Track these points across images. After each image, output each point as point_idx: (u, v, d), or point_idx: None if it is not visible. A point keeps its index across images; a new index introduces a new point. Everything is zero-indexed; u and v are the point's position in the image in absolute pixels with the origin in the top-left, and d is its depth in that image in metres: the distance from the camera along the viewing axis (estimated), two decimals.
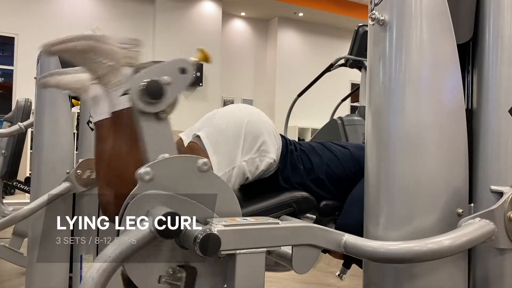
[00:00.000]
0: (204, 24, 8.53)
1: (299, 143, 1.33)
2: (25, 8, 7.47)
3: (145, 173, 0.82)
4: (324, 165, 1.28)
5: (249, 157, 1.18)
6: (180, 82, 0.92)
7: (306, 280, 2.83)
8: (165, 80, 0.90)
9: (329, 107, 4.37)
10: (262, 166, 1.20)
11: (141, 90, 0.88)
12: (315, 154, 1.30)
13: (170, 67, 0.92)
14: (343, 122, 3.13)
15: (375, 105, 1.03)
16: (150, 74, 0.90)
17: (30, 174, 2.16)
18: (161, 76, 0.90)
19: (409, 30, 0.96)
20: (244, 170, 1.17)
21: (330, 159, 1.30)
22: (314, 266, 0.90)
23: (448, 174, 0.95)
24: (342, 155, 1.32)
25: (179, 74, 0.92)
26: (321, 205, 1.27)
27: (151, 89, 0.89)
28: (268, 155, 1.20)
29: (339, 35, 9.78)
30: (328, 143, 1.37)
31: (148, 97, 0.89)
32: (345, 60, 3.39)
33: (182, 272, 0.84)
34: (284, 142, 1.27)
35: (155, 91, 0.89)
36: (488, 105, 0.97)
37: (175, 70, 0.92)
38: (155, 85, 0.89)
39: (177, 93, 0.92)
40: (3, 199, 3.24)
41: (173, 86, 0.91)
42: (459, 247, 0.85)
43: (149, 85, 0.89)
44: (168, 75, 0.90)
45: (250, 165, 1.18)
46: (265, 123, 1.25)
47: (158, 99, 0.90)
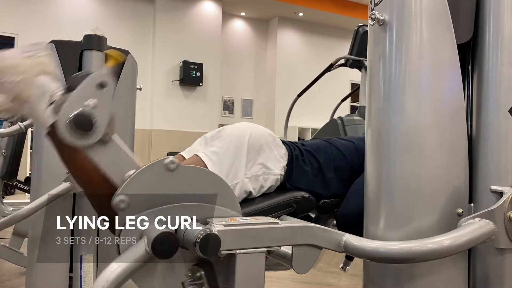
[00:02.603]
0: (204, 24, 8.52)
1: (302, 144, 1.33)
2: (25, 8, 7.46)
3: (120, 202, 0.80)
4: (331, 161, 1.29)
5: (252, 175, 1.18)
6: (105, 98, 0.84)
7: (306, 280, 2.83)
8: (90, 105, 0.82)
9: (329, 107, 4.37)
10: (267, 184, 1.21)
11: (70, 129, 0.80)
12: (321, 152, 1.30)
13: (88, 88, 0.83)
14: (343, 122, 3.13)
15: (375, 105, 1.03)
16: (72, 106, 0.81)
17: (30, 174, 2.16)
18: (83, 103, 0.81)
19: (409, 30, 0.96)
20: (247, 187, 1.17)
21: (336, 154, 1.31)
22: (314, 266, 0.90)
23: (448, 174, 0.95)
24: (346, 149, 1.33)
25: (100, 91, 0.83)
26: (320, 203, 1.27)
27: (79, 123, 0.81)
28: (272, 172, 1.21)
29: (339, 35, 9.77)
30: (332, 139, 1.38)
31: (80, 131, 0.81)
32: (345, 60, 3.39)
33: (200, 270, 0.85)
34: (289, 150, 1.27)
35: (84, 123, 0.81)
36: (488, 105, 0.97)
37: (94, 88, 0.83)
38: (81, 117, 0.81)
39: (107, 111, 0.84)
40: (3, 199, 3.24)
41: (99, 107, 0.82)
42: (459, 247, 0.85)
43: (76, 120, 0.80)
44: (90, 97, 0.82)
45: (253, 183, 1.18)
46: (268, 137, 1.24)
47: (90, 129, 0.82)
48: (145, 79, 7.52)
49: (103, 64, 0.87)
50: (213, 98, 8.51)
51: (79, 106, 0.81)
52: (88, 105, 0.82)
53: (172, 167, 0.84)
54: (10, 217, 1.87)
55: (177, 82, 8.10)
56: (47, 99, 0.86)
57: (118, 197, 0.80)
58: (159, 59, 8.03)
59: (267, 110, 9.37)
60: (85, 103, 0.81)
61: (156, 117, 7.93)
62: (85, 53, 1.92)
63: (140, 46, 7.77)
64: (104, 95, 0.84)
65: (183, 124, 7.93)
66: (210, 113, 8.29)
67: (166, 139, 7.76)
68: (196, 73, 8.13)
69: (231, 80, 9.19)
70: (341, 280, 2.80)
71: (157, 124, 7.93)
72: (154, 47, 8.11)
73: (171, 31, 8.19)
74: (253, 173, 1.18)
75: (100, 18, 7.82)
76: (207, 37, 8.51)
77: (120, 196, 0.80)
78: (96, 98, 0.82)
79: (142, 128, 7.43)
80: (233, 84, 9.25)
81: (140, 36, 8.04)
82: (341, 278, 2.83)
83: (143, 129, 7.58)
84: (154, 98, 7.95)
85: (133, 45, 6.93)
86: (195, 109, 8.19)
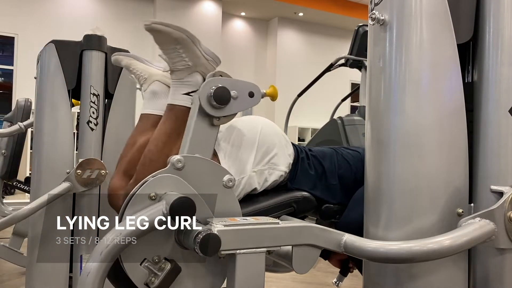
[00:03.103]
0: (204, 24, 8.52)
1: (309, 149, 1.33)
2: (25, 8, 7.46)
3: (178, 161, 0.88)
4: (336, 168, 1.28)
5: (259, 169, 1.18)
6: (245, 101, 1.02)
7: (306, 280, 2.83)
8: (233, 93, 0.99)
9: (329, 107, 4.37)
10: (271, 179, 1.20)
11: (211, 93, 0.97)
12: (326, 158, 1.30)
13: (241, 86, 1.01)
14: (343, 122, 3.13)
15: (375, 105, 1.03)
16: (222, 82, 0.99)
17: (30, 174, 2.16)
18: (232, 89, 0.99)
19: (409, 30, 0.96)
20: (253, 181, 1.17)
21: (342, 163, 1.30)
22: (314, 266, 0.91)
23: (448, 174, 0.95)
24: (352, 158, 1.32)
25: (246, 95, 1.02)
26: (322, 208, 1.27)
27: (220, 94, 0.97)
28: (277, 168, 1.20)
29: (339, 35, 9.77)
30: (339, 148, 1.37)
31: (215, 100, 0.97)
32: (345, 60, 3.39)
33: (166, 265, 0.85)
34: (296, 151, 1.27)
35: (222, 97, 0.98)
36: (488, 105, 0.97)
37: (245, 90, 1.02)
38: (225, 92, 0.98)
39: (238, 109, 1.01)
40: (3, 199, 3.24)
41: (237, 101, 1.00)
42: (459, 247, 0.85)
43: (220, 90, 0.97)
44: (237, 91, 1.00)
45: (259, 177, 1.18)
46: (279, 135, 1.25)
47: (222, 105, 0.98)
48: None
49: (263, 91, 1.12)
50: None
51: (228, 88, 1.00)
52: (233, 92, 1.00)
53: (229, 185, 0.92)
54: (10, 217, 1.87)
55: None
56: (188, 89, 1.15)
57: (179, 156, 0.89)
58: (159, 59, 8.02)
59: (267, 110, 9.37)
60: (232, 90, 1.00)
61: None
62: (85, 53, 1.92)
63: (140, 46, 7.76)
64: (247, 100, 1.03)
65: None
66: None
67: None
68: None
69: None
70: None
71: None
72: (154, 47, 8.09)
73: None
74: (260, 167, 1.18)
75: (100, 18, 7.82)
76: (207, 37, 8.50)
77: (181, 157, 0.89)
78: (240, 95, 1.01)
79: None
80: None
81: (140, 36, 8.04)
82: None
83: None
84: None
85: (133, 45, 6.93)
86: None
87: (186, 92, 1.15)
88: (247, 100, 1.02)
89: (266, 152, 1.19)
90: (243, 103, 1.02)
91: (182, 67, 1.14)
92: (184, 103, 1.14)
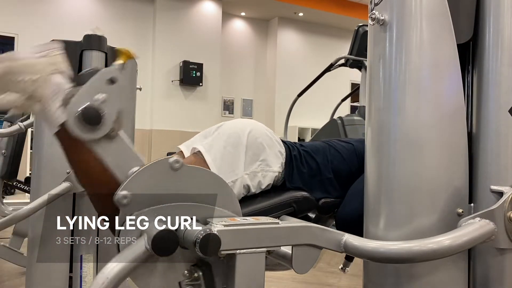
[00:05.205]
0: (204, 24, 8.52)
1: (300, 144, 1.33)
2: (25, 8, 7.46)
3: (123, 197, 0.80)
4: (329, 162, 1.29)
5: (251, 171, 1.18)
6: (114, 94, 0.84)
7: (306, 280, 2.83)
8: (99, 100, 0.82)
9: (329, 107, 4.37)
10: (265, 182, 1.20)
11: (78, 121, 0.81)
12: (319, 153, 1.30)
13: (98, 83, 0.84)
14: (343, 122, 3.13)
15: (375, 105, 1.03)
16: (81, 99, 0.82)
17: (30, 174, 2.16)
18: (93, 97, 0.82)
19: (409, 30, 0.96)
20: (246, 183, 1.17)
21: (335, 156, 1.30)
22: (314, 266, 0.90)
23: (448, 174, 0.95)
24: (346, 151, 1.32)
25: (110, 86, 0.84)
26: (320, 203, 1.27)
27: (88, 116, 0.82)
28: (270, 169, 1.20)
29: (339, 35, 9.77)
30: (331, 141, 1.37)
31: (88, 124, 0.82)
32: (345, 60, 3.40)
33: (197, 271, 0.84)
34: (287, 149, 1.27)
35: (92, 117, 0.82)
36: (488, 105, 0.97)
37: (104, 83, 0.84)
38: (90, 110, 0.82)
39: (116, 107, 0.85)
40: (3, 199, 3.24)
41: (109, 101, 0.83)
42: (459, 247, 0.85)
43: (84, 113, 0.81)
44: (100, 91, 0.83)
45: (252, 179, 1.18)
46: (267, 135, 1.24)
47: (98, 123, 0.82)
48: (145, 79, 7.52)
49: (115, 60, 0.89)
50: (213, 98, 8.51)
51: (89, 100, 0.82)
52: (98, 99, 0.82)
53: (176, 167, 0.84)
54: (10, 217, 1.87)
55: (177, 82, 8.10)
56: (60, 97, 0.87)
57: (120, 192, 0.80)
58: (159, 59, 8.03)
59: (267, 110, 9.37)
60: (95, 97, 0.82)
61: (156, 117, 7.93)
62: (85, 53, 1.92)
63: (140, 46, 7.77)
64: (114, 90, 0.84)
65: (183, 124, 7.92)
66: (210, 113, 8.28)
67: (166, 139, 7.75)
68: (196, 73, 8.13)
69: (231, 80, 9.19)
70: (341, 280, 2.80)
71: (157, 124, 7.92)
72: (154, 47, 8.11)
73: (171, 31, 8.19)
74: (252, 169, 1.18)
75: (100, 18, 7.82)
76: (207, 37, 8.51)
77: (123, 191, 0.80)
78: (105, 93, 0.83)
79: (142, 128, 7.43)
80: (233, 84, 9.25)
81: (140, 36, 8.04)
82: (341, 278, 2.83)
83: (143, 129, 7.58)
84: (154, 98, 7.95)
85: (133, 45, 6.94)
86: (195, 109, 8.18)
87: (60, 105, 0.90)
88: (114, 91, 0.85)
89: (256, 154, 1.19)
90: (114, 97, 0.85)
91: (33, 87, 0.90)
92: (64, 118, 0.88)
